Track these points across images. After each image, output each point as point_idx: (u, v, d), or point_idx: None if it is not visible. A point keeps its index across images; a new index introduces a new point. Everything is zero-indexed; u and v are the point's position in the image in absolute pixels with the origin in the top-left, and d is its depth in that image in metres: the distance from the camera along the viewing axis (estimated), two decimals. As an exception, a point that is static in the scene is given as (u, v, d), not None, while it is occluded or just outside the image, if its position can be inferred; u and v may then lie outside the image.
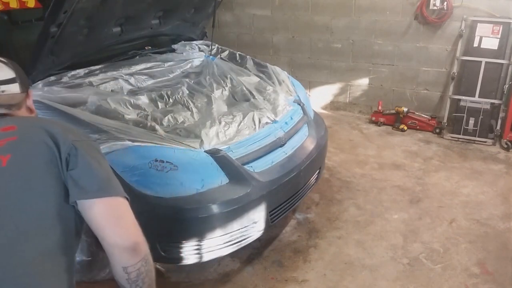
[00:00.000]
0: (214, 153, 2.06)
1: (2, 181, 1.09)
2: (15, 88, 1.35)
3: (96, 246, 2.08)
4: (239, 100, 2.73)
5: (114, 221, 1.12)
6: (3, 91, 1.32)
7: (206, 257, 2.06)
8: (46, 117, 2.00)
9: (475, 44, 3.97)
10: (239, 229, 2.09)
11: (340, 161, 3.66)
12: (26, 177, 1.10)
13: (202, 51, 3.36)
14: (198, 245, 2.02)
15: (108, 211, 1.12)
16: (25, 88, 1.39)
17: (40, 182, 1.11)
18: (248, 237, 2.18)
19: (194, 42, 3.43)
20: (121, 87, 2.62)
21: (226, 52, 3.36)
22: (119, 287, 1.15)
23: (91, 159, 1.16)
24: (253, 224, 2.15)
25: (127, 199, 1.16)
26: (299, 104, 2.78)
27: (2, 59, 1.37)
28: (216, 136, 2.17)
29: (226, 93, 2.77)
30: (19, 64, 1.38)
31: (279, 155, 2.35)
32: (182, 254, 2.03)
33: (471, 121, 4.03)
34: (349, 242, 2.61)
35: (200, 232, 2.01)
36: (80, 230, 1.18)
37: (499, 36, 3.87)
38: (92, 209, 1.10)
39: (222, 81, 2.88)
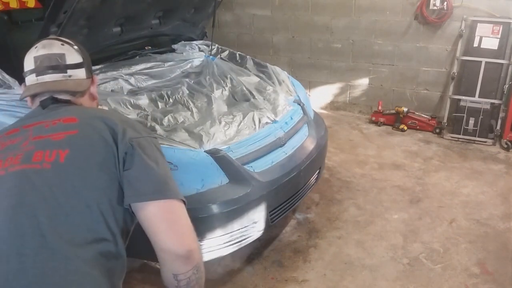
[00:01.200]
0: (214, 153, 2.06)
1: (59, 179, 1.03)
2: (81, 73, 1.29)
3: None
4: (239, 100, 2.73)
5: (168, 225, 1.05)
6: (70, 76, 1.26)
7: (206, 257, 2.06)
8: (107, 109, 1.91)
9: (475, 44, 3.97)
10: (239, 229, 2.09)
11: (340, 161, 3.66)
12: (82, 176, 1.04)
13: (202, 51, 3.36)
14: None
15: (162, 214, 1.05)
16: (90, 74, 1.33)
17: (95, 182, 1.05)
18: (248, 237, 2.18)
19: (194, 42, 3.43)
20: (121, 87, 2.62)
21: (226, 52, 3.36)
22: None
23: (148, 158, 1.09)
24: (253, 224, 2.15)
25: (184, 202, 1.10)
26: (299, 104, 2.78)
27: (70, 42, 1.31)
28: (216, 136, 2.17)
29: (226, 93, 2.77)
30: (18, 64, 1.36)
31: (279, 155, 2.35)
32: (182, 254, 2.03)
33: (471, 121, 4.03)
34: (349, 242, 2.61)
35: (200, 232, 2.00)
36: (129, 232, 1.13)
37: (499, 36, 3.87)
38: (145, 212, 1.04)
39: (222, 81, 2.88)
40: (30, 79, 1.25)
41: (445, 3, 4.00)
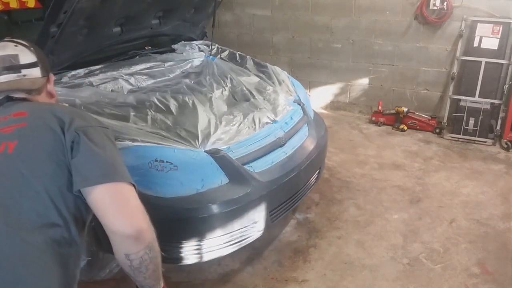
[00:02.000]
0: (214, 153, 2.06)
1: (8, 168, 1.08)
2: (36, 72, 1.34)
3: (96, 246, 2.08)
4: (239, 100, 2.73)
5: (116, 207, 1.08)
6: (24, 75, 1.32)
7: (206, 257, 2.06)
8: (59, 103, 1.97)
9: (475, 44, 3.97)
10: (239, 229, 2.09)
11: (340, 161, 3.66)
12: (30, 165, 1.09)
13: (202, 51, 3.36)
14: (198, 245, 2.02)
15: (109, 197, 1.08)
16: (46, 73, 1.38)
17: (44, 170, 1.09)
18: (248, 237, 2.18)
19: (194, 42, 3.43)
20: (121, 87, 2.62)
21: (226, 52, 3.35)
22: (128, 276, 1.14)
23: (94, 145, 1.13)
24: (253, 224, 2.15)
25: (133, 185, 1.13)
26: (299, 104, 2.78)
27: (24, 43, 1.37)
28: (216, 136, 2.17)
29: (226, 93, 2.77)
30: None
31: (279, 155, 2.35)
32: (182, 254, 2.03)
33: (471, 121, 4.03)
34: (349, 242, 2.61)
35: (200, 232, 2.01)
36: (85, 221, 1.16)
37: (499, 36, 3.87)
38: (93, 195, 1.07)
39: (222, 81, 2.88)
40: None
41: (445, 3, 4.00)
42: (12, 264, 0.97)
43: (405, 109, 4.33)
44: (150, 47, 3.32)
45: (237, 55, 3.30)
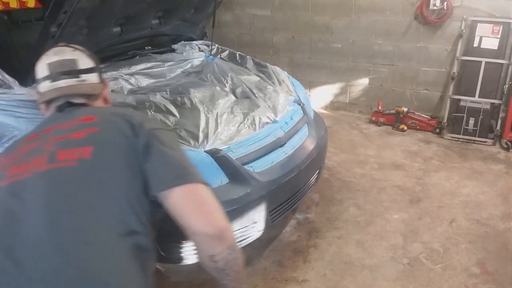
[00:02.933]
0: (214, 153, 2.06)
1: (86, 175, 1.05)
2: (94, 77, 1.33)
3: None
4: (240, 97, 2.73)
5: (195, 207, 1.07)
6: (83, 80, 1.30)
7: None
8: (123, 108, 1.93)
9: (475, 44, 3.97)
10: (239, 229, 2.09)
11: (340, 161, 3.66)
12: (108, 171, 1.07)
13: (202, 51, 3.36)
14: (198, 245, 2.02)
15: (187, 198, 1.08)
16: (101, 78, 1.37)
17: (122, 176, 1.07)
18: (248, 237, 2.18)
19: (194, 42, 3.43)
20: (121, 87, 2.61)
21: (226, 52, 3.35)
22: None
23: (166, 148, 1.13)
24: (253, 224, 2.15)
25: (206, 185, 1.12)
26: (299, 104, 2.78)
27: (80, 48, 1.35)
28: (216, 136, 2.17)
29: (226, 89, 2.77)
30: (19, 64, 1.37)
31: (279, 155, 2.35)
32: (182, 254, 2.03)
33: (471, 121, 4.03)
34: (349, 242, 2.61)
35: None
36: (153, 225, 1.14)
37: (499, 36, 3.87)
38: (171, 198, 1.07)
39: (222, 78, 2.88)
40: (45, 85, 1.29)
41: (445, 3, 4.00)
42: (102, 275, 0.94)
43: (405, 109, 4.33)
44: (150, 47, 3.32)
45: (237, 55, 3.30)
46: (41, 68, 1.30)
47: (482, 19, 3.95)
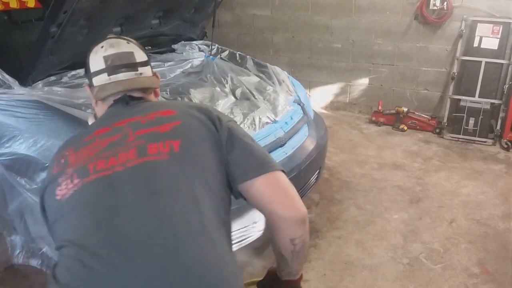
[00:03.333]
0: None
1: (179, 167, 1.04)
2: (149, 71, 1.31)
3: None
4: (240, 98, 2.73)
5: (280, 194, 1.10)
6: (141, 74, 1.27)
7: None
8: (192, 102, 1.87)
9: (475, 44, 3.97)
10: (239, 229, 2.09)
11: (340, 161, 3.66)
12: (199, 164, 1.07)
13: (202, 51, 3.36)
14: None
15: (271, 186, 1.10)
16: (153, 71, 1.35)
17: (211, 168, 1.08)
18: (248, 237, 2.17)
19: (194, 42, 3.43)
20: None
21: (226, 52, 3.35)
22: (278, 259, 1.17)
23: (245, 138, 1.15)
24: (253, 224, 2.15)
25: (284, 172, 1.14)
26: (299, 104, 2.78)
27: (132, 40, 1.32)
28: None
29: (226, 90, 2.77)
30: (19, 64, 1.36)
31: (279, 155, 2.35)
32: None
33: (471, 121, 4.03)
34: (349, 242, 2.61)
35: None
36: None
37: (499, 36, 3.87)
38: (256, 187, 1.09)
39: (222, 79, 2.88)
40: (101, 79, 1.25)
41: (445, 3, 4.00)
42: (219, 261, 0.96)
43: (405, 109, 4.33)
44: (150, 47, 3.32)
45: (237, 55, 3.30)
46: (96, 61, 1.26)
47: (482, 19, 3.95)
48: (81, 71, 2.58)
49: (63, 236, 0.99)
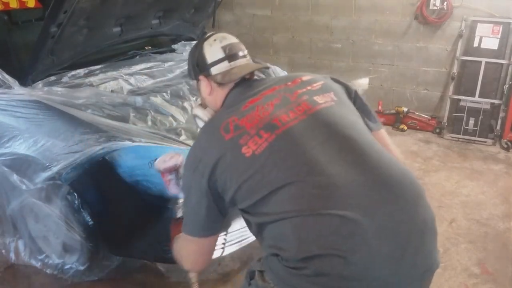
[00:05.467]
0: (214, 153, 2.05)
1: (344, 109, 1.29)
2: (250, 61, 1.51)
3: (96, 246, 2.08)
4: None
5: (391, 142, 1.49)
6: (249, 59, 1.49)
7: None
8: None
9: (475, 44, 3.97)
10: (239, 229, 2.09)
11: (340, 161, 3.65)
12: (350, 108, 1.33)
13: (202, 51, 3.35)
14: (198, 245, 2.01)
15: (388, 137, 1.49)
16: None
17: (355, 111, 1.34)
18: (248, 237, 2.17)
19: (194, 42, 3.43)
20: (121, 87, 2.61)
21: (226, 52, 3.35)
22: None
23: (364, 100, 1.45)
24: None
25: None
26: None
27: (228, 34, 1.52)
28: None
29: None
30: (19, 64, 1.37)
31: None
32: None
33: (471, 121, 4.03)
34: (349, 242, 2.60)
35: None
36: None
37: (499, 36, 3.87)
38: (382, 135, 1.44)
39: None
40: (222, 66, 1.39)
41: (445, 3, 4.00)
42: (434, 230, 1.14)
43: (405, 109, 4.33)
44: (150, 47, 3.32)
45: (237, 55, 3.30)
46: (214, 52, 1.42)
47: (482, 19, 3.95)
48: (81, 71, 2.58)
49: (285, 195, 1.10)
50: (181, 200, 1.56)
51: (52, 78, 2.38)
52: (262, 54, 4.99)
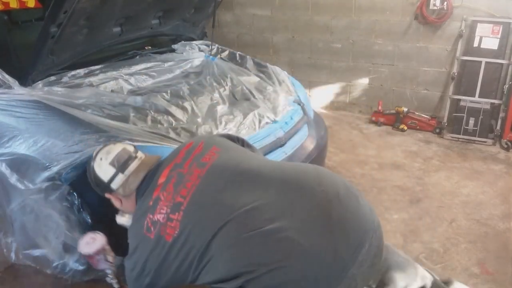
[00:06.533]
0: (214, 153, 2.05)
1: (229, 153, 1.51)
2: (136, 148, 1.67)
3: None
4: (239, 99, 2.73)
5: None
6: (139, 156, 1.62)
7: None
8: None
9: (475, 44, 3.97)
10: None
11: (340, 161, 3.66)
12: (233, 150, 1.58)
13: (202, 51, 3.36)
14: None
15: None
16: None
17: (239, 149, 1.63)
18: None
19: (194, 42, 3.43)
20: (121, 87, 2.62)
21: (226, 52, 3.35)
22: None
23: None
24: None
25: None
26: (299, 104, 2.78)
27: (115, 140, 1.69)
28: (216, 136, 2.17)
29: (226, 93, 2.77)
30: (19, 64, 1.38)
31: (279, 155, 2.35)
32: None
33: (471, 121, 4.03)
34: (349, 242, 2.60)
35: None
36: None
37: (499, 36, 3.87)
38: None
39: (222, 81, 2.88)
40: (118, 180, 1.55)
41: (445, 3, 4.00)
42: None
43: (405, 109, 4.33)
44: (150, 47, 3.32)
45: (237, 55, 3.30)
46: (105, 170, 1.54)
47: (482, 19, 3.95)
48: (81, 71, 2.58)
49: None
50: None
51: (52, 78, 2.38)
52: (262, 54, 4.99)
